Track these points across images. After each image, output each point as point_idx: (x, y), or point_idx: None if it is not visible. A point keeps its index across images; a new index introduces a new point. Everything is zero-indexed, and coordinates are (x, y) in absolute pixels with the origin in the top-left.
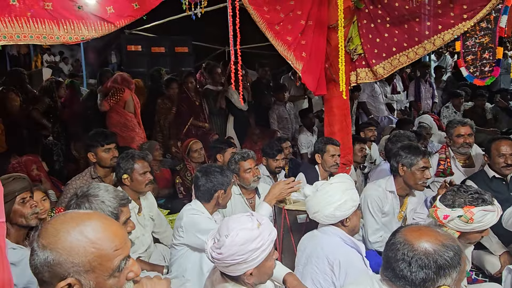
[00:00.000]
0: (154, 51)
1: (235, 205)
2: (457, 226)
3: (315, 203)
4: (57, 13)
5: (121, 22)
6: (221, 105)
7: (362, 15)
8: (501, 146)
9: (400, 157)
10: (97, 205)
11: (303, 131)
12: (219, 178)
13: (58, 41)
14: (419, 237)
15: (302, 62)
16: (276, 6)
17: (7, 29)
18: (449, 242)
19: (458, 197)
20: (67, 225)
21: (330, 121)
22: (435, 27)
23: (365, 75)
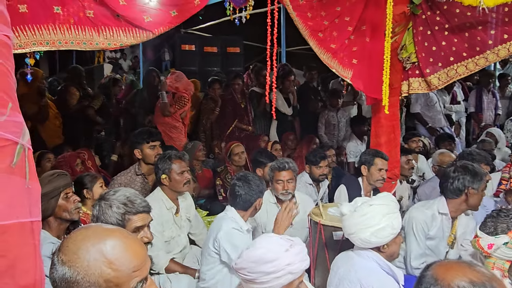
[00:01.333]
0: (206, 51)
1: (271, 214)
2: (505, 254)
3: (351, 224)
4: (98, 20)
5: (160, 30)
6: (264, 108)
7: (419, 22)
8: None
9: (468, 180)
10: (104, 209)
11: (353, 139)
12: (260, 186)
13: (97, 47)
14: (446, 271)
15: (352, 69)
16: (320, 12)
17: (50, 36)
18: (481, 280)
19: (499, 222)
20: (87, 242)
21: (377, 132)
22: (500, 36)
23: (418, 85)
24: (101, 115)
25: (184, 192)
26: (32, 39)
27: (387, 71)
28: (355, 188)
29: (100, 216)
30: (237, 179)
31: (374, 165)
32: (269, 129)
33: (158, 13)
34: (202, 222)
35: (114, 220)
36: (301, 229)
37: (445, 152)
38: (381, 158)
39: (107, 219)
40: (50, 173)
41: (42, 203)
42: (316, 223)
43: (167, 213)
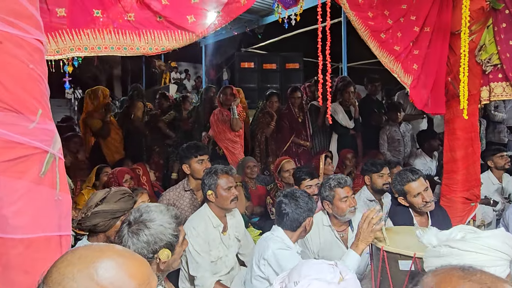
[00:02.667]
0: (265, 68)
1: (324, 238)
2: None
3: (428, 264)
4: (139, 23)
5: (204, 31)
6: (322, 122)
7: (501, 18)
8: None
9: None
10: (157, 229)
11: (421, 155)
12: (309, 204)
13: (138, 52)
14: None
15: (412, 75)
16: (384, 11)
17: (89, 41)
18: None
19: None
20: (73, 269)
21: (452, 146)
22: None
23: (501, 91)
24: (172, 129)
25: (231, 209)
26: (70, 44)
27: (465, 68)
28: (406, 219)
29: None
30: (284, 196)
31: (409, 193)
32: (329, 145)
33: (202, 13)
34: (252, 242)
35: (171, 237)
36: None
37: None
38: (410, 182)
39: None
40: (122, 192)
41: (104, 219)
42: (378, 249)
43: (214, 231)
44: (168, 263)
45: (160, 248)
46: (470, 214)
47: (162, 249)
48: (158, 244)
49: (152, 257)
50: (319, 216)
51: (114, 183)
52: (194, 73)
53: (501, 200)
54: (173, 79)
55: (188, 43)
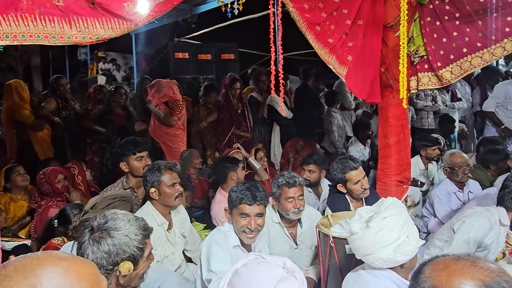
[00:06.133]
0: (200, 58)
1: (273, 234)
2: None
3: (366, 244)
4: (69, 9)
5: (143, 20)
6: (263, 114)
7: (426, 12)
8: None
9: None
10: (121, 240)
11: (355, 143)
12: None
13: (69, 41)
14: (449, 278)
15: (347, 66)
16: (318, 4)
17: (10, 28)
18: (493, 279)
19: None
20: (9, 282)
21: (385, 133)
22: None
23: (427, 81)
24: (101, 124)
25: (176, 206)
26: None
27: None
28: (343, 207)
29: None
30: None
31: (349, 181)
32: (269, 136)
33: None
34: (198, 237)
35: (135, 249)
36: (308, 249)
37: (456, 153)
38: (351, 170)
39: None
40: (111, 197)
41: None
42: (326, 236)
43: (158, 229)
44: (129, 277)
45: (122, 261)
46: (403, 195)
47: (124, 261)
48: (120, 256)
49: (111, 269)
50: (269, 213)
51: (46, 184)
52: (124, 64)
53: (426, 182)
54: (101, 70)
55: (126, 32)
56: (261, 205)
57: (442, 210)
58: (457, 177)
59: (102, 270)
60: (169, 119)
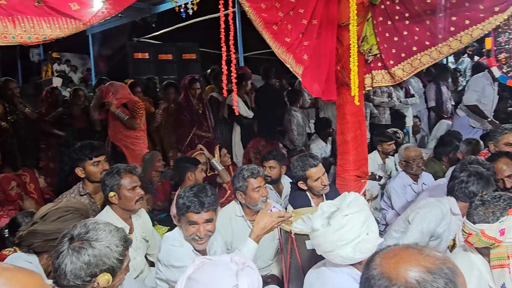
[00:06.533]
0: (161, 58)
1: (237, 228)
2: None
3: (327, 242)
4: (12, 8)
5: (92, 20)
6: (224, 114)
7: (378, 12)
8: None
9: (482, 186)
10: (102, 251)
11: (317, 140)
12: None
13: (14, 41)
14: (397, 265)
15: (303, 65)
16: (275, 3)
17: None
18: (437, 266)
19: (494, 206)
20: None
21: (343, 129)
22: (462, 23)
23: (381, 78)
24: (60, 127)
25: (137, 209)
26: None
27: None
28: (304, 204)
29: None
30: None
31: (310, 178)
32: (230, 136)
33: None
34: (161, 241)
35: (115, 261)
36: (270, 241)
37: (410, 147)
38: (311, 167)
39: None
40: (64, 209)
41: (38, 240)
42: (287, 232)
43: None
44: None
45: (101, 272)
46: (361, 189)
47: (102, 273)
48: (99, 267)
49: (89, 281)
50: (232, 207)
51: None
52: (81, 65)
53: (384, 176)
54: (56, 72)
55: (75, 32)
56: (210, 211)
57: (398, 202)
58: (412, 169)
59: (79, 281)
60: (132, 122)
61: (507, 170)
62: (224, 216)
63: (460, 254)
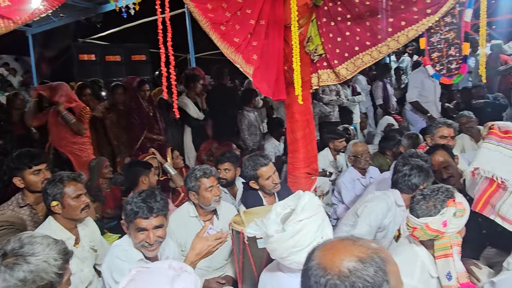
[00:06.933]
0: (108, 60)
1: (190, 229)
2: (456, 225)
3: (282, 248)
4: None
5: (25, 18)
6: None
7: (321, 13)
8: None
9: (423, 178)
10: (39, 266)
11: (270, 139)
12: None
13: None
14: (332, 256)
15: (253, 65)
16: (221, 4)
17: None
18: (368, 255)
19: (434, 200)
20: None
21: (292, 128)
22: (398, 24)
23: (327, 77)
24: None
25: (83, 218)
26: None
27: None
28: (256, 203)
29: None
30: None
31: (261, 177)
32: (182, 138)
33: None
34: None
35: (53, 275)
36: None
37: (358, 143)
38: (262, 167)
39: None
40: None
41: None
42: (238, 233)
43: None
44: None
45: None
46: (312, 186)
47: None
48: (37, 283)
49: None
50: (185, 208)
51: None
52: (21, 68)
53: (335, 172)
54: None
55: (5, 32)
56: (160, 216)
57: (348, 196)
58: (360, 164)
59: None
60: (80, 126)
61: (444, 162)
62: (177, 218)
63: (404, 246)
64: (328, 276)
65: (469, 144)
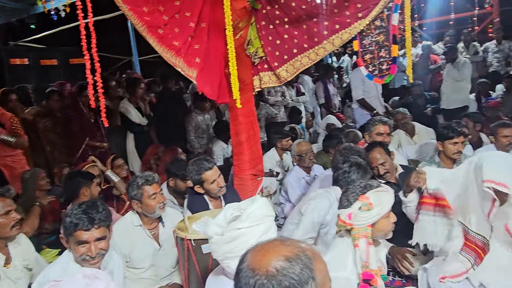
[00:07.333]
0: (44, 64)
1: (135, 238)
2: (364, 219)
3: (219, 251)
4: None
5: None
6: (117, 122)
7: (260, 16)
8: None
9: (361, 175)
10: None
11: (217, 142)
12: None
13: None
14: (262, 257)
15: (196, 68)
16: (158, 7)
17: None
18: (295, 254)
19: (350, 194)
20: None
21: (237, 130)
22: (333, 27)
23: (268, 79)
24: None
25: (13, 236)
26: None
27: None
28: (203, 208)
29: None
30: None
31: (206, 181)
32: (125, 144)
33: None
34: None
35: None
36: (171, 249)
37: (302, 142)
38: (206, 171)
39: None
40: None
41: None
42: (182, 239)
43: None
44: None
45: None
46: (258, 187)
47: None
48: None
49: None
50: (129, 217)
51: None
52: None
53: (282, 171)
54: None
55: None
56: (102, 227)
57: (294, 195)
58: (305, 163)
59: None
60: (21, 142)
61: (380, 158)
62: (120, 228)
63: (338, 240)
64: (257, 276)
65: (405, 139)
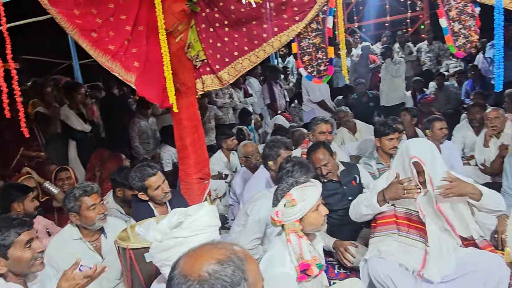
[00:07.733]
0: None
1: (74, 252)
2: (290, 215)
3: (157, 257)
4: None
5: None
6: (57, 130)
7: (200, 19)
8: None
9: (303, 173)
10: None
11: (164, 147)
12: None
13: None
14: (194, 262)
15: (135, 73)
16: (91, 10)
17: None
18: (227, 256)
19: (278, 192)
20: None
21: (181, 135)
22: (272, 30)
23: (211, 82)
24: None
25: None
26: None
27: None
28: (148, 214)
29: None
30: None
31: (150, 188)
32: (67, 152)
33: None
34: None
35: None
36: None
37: (248, 143)
38: (149, 177)
39: None
40: None
41: None
42: (124, 249)
43: None
44: None
45: None
46: (206, 190)
47: None
48: None
49: None
50: (67, 230)
51: None
52: None
53: (230, 173)
54: None
55: None
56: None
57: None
58: (251, 164)
59: None
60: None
61: (323, 159)
62: (58, 242)
63: (277, 238)
64: (189, 282)
65: (348, 136)
